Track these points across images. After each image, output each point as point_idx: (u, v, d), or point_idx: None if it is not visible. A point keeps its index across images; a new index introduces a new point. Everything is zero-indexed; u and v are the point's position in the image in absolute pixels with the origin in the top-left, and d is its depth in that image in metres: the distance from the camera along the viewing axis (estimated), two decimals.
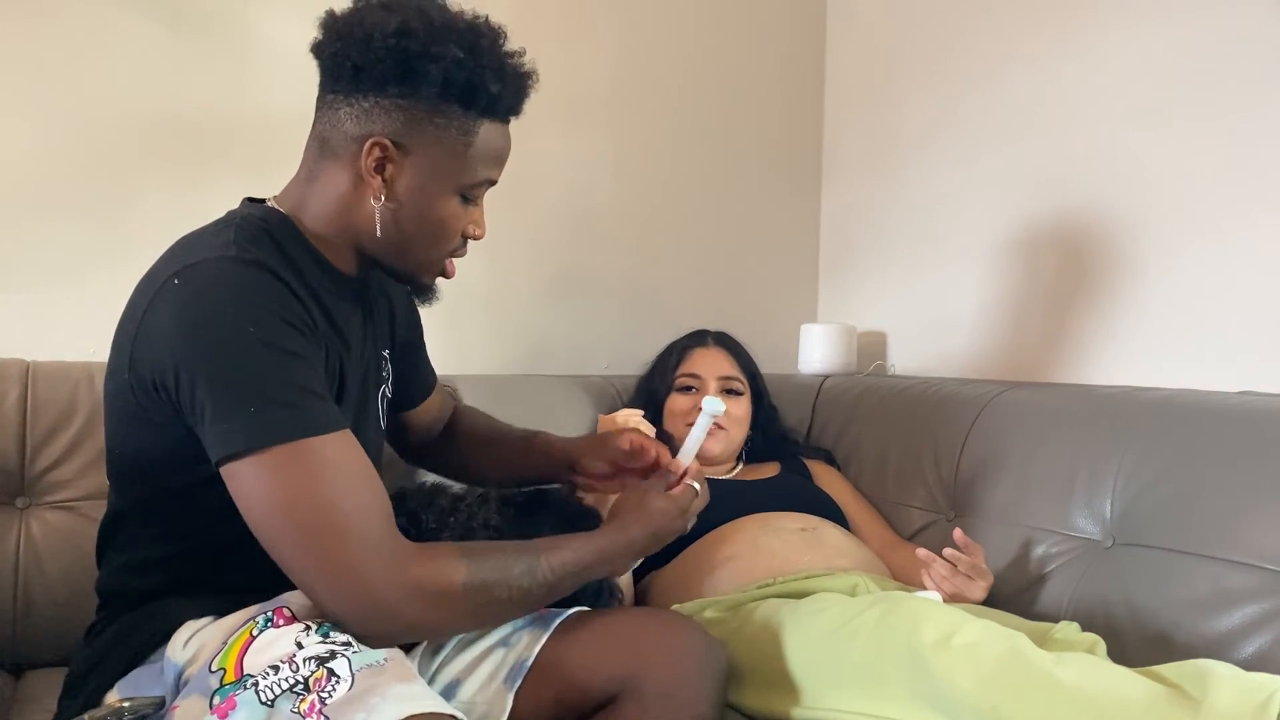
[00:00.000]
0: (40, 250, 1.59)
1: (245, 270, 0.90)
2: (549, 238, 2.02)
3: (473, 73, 0.94)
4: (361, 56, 0.93)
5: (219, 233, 0.95)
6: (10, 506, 1.40)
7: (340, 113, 0.97)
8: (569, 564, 0.98)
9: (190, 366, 0.86)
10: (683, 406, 1.73)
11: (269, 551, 0.88)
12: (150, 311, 0.90)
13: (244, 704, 0.82)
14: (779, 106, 2.33)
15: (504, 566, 0.94)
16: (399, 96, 0.94)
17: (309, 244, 1.00)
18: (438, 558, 0.91)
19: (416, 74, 0.93)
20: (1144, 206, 1.64)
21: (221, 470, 0.87)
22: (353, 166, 0.97)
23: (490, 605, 0.94)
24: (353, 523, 0.87)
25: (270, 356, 0.87)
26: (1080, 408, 1.51)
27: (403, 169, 0.97)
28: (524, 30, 1.99)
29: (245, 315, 0.87)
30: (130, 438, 0.98)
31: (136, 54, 1.65)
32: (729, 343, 1.82)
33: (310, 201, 1.01)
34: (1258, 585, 1.18)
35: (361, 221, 0.99)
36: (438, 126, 0.96)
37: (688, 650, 0.99)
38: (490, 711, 0.98)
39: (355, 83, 0.95)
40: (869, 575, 1.41)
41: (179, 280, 0.89)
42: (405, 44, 0.92)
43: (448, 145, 0.97)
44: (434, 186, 0.98)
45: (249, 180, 1.72)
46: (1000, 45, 1.92)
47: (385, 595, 0.87)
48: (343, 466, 0.88)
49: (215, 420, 0.86)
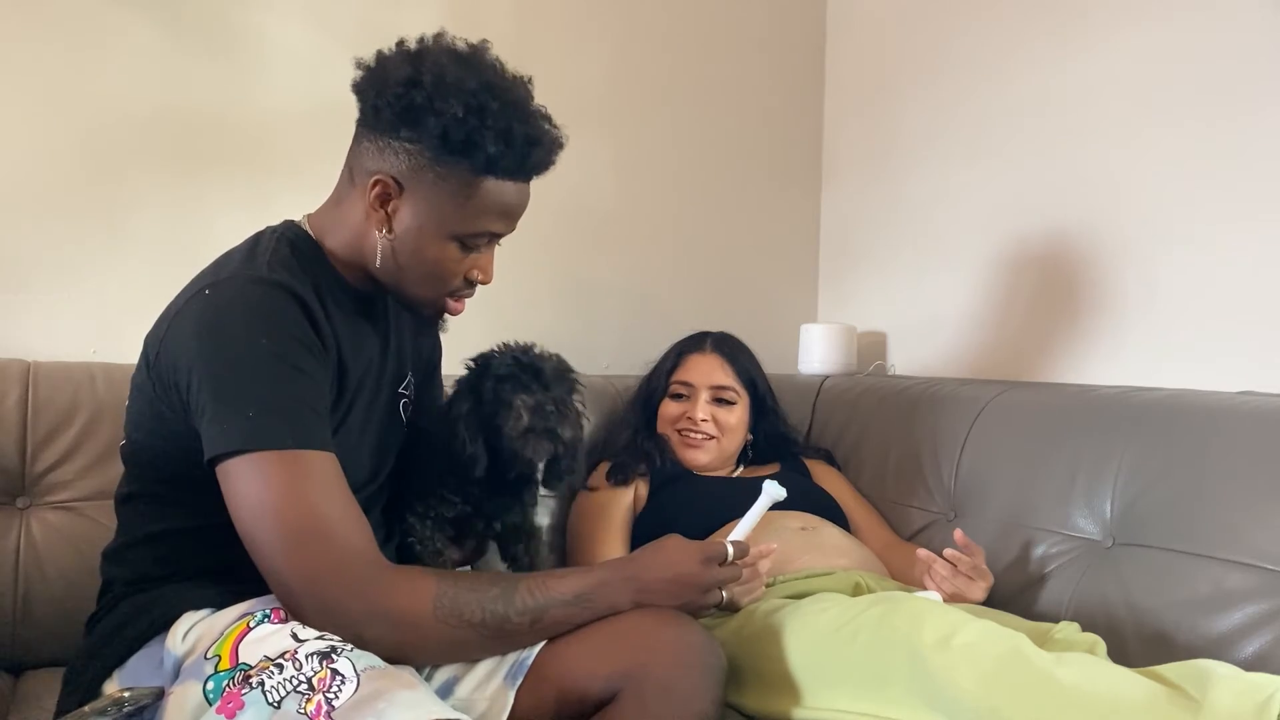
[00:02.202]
0: (41, 250, 1.60)
1: (268, 290, 0.96)
2: (549, 237, 2.02)
3: (473, 131, 0.98)
4: (379, 98, 1.00)
5: (252, 252, 1.03)
6: (11, 506, 1.40)
7: (364, 146, 1.04)
8: (554, 592, 0.99)
9: (201, 368, 0.92)
10: (672, 413, 1.73)
11: (252, 552, 0.91)
12: (178, 316, 0.97)
13: (251, 704, 0.83)
14: (779, 107, 2.33)
15: (477, 588, 0.96)
16: (408, 140, 1.00)
17: (330, 265, 1.07)
18: (412, 577, 0.95)
19: (420, 124, 0.99)
20: (1144, 206, 1.64)
21: (216, 469, 0.92)
22: (364, 197, 1.03)
23: (463, 630, 0.94)
24: (337, 530, 0.91)
25: (277, 368, 0.93)
26: (1080, 408, 1.51)
27: (402, 207, 1.03)
28: (525, 32, 2.01)
29: (260, 329, 0.94)
30: (145, 426, 1.03)
31: (137, 55, 1.65)
32: (728, 348, 1.78)
33: (334, 224, 1.08)
34: (1258, 585, 1.18)
35: (368, 249, 1.06)
36: (438, 175, 1.01)
37: (687, 647, 0.99)
38: (491, 710, 0.98)
39: (376, 121, 1.02)
40: (869, 575, 1.41)
41: (209, 291, 0.97)
42: (411, 94, 0.98)
43: (448, 194, 1.02)
44: (430, 229, 1.03)
45: (248, 180, 1.73)
46: (1001, 45, 1.92)
47: (355, 608, 0.90)
48: (330, 482, 0.93)
49: (215, 420, 0.91)
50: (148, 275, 1.60)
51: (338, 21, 1.79)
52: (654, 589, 1.04)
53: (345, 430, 1.05)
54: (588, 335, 2.09)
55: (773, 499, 1.20)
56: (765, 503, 1.19)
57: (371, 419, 1.12)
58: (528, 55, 2.02)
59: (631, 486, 1.66)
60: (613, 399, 1.87)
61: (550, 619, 0.99)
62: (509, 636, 0.98)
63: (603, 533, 1.60)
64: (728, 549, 1.10)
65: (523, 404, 1.15)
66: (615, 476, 1.66)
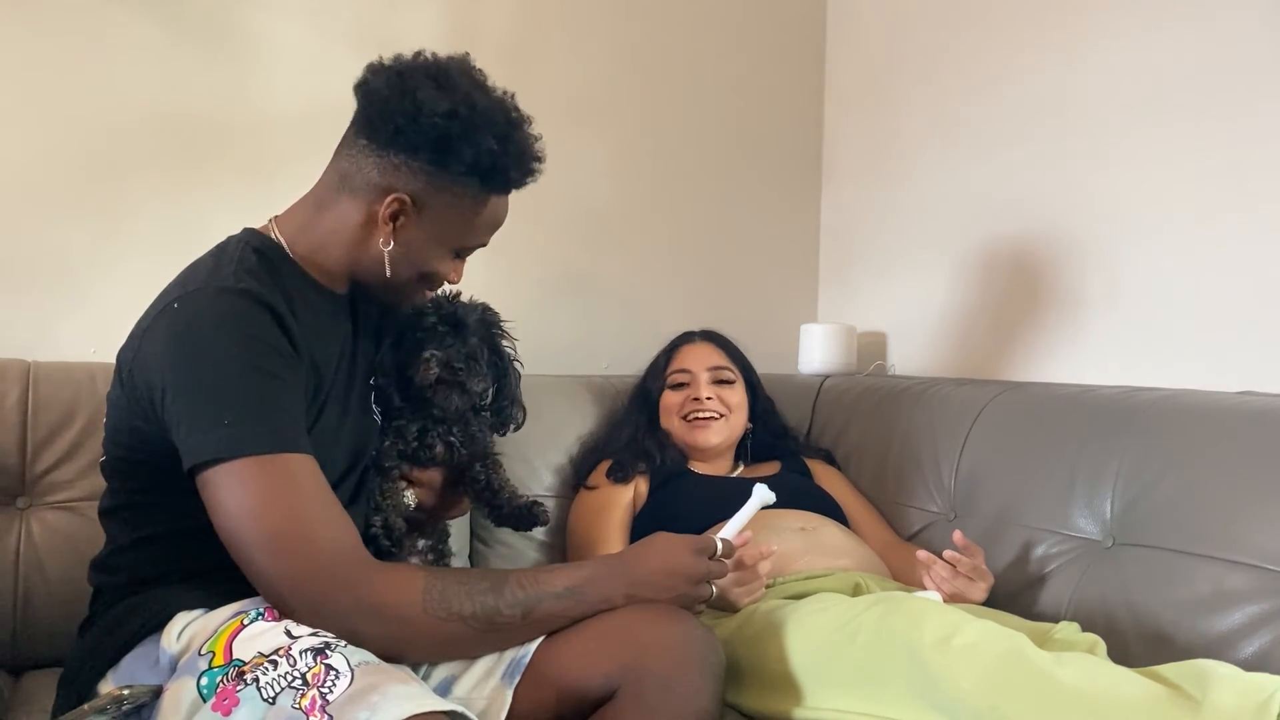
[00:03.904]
0: (41, 250, 1.60)
1: (237, 299, 0.97)
2: (549, 238, 2.02)
3: (499, 159, 1.05)
4: (407, 123, 1.02)
5: (218, 262, 1.03)
6: (11, 507, 1.40)
7: (368, 159, 1.05)
8: (545, 585, 0.99)
9: (174, 380, 0.93)
10: (676, 401, 1.74)
11: (237, 558, 0.92)
12: (149, 331, 0.98)
13: (246, 700, 0.84)
14: (779, 108, 2.33)
15: (466, 582, 0.97)
16: (428, 164, 1.03)
17: (300, 268, 1.09)
18: (399, 571, 0.97)
19: (451, 152, 1.03)
20: (1144, 206, 1.63)
21: (196, 479, 0.93)
22: (368, 209, 1.06)
23: (454, 623, 0.94)
24: (320, 531, 0.92)
25: (250, 376, 0.94)
26: (1080, 408, 1.51)
27: (413, 222, 1.06)
28: (525, 32, 2.01)
29: (232, 339, 0.95)
30: (123, 441, 1.03)
31: (136, 55, 1.65)
32: (716, 337, 1.83)
33: (314, 227, 1.09)
34: (1258, 585, 1.18)
35: (364, 256, 1.08)
36: (454, 196, 1.06)
37: (686, 644, 0.99)
38: (489, 708, 0.98)
39: (391, 140, 1.03)
40: (870, 575, 1.41)
41: (178, 305, 0.98)
42: (450, 126, 1.01)
43: (459, 212, 1.08)
44: (437, 243, 1.09)
45: (248, 180, 1.73)
46: (1001, 46, 1.92)
47: (344, 605, 0.91)
48: (310, 484, 0.94)
49: (192, 430, 0.92)
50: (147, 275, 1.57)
51: (337, 22, 1.79)
52: (645, 581, 1.04)
53: (320, 429, 1.06)
54: (588, 335, 2.09)
55: (762, 502, 1.21)
56: (755, 505, 1.20)
57: (346, 415, 1.14)
58: (528, 55, 2.04)
59: (631, 485, 1.66)
60: (613, 399, 1.87)
61: (542, 612, 0.99)
62: (501, 630, 0.98)
63: (603, 531, 1.60)
64: (717, 543, 1.10)
65: (432, 357, 1.20)
66: (615, 475, 1.67)
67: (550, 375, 1.91)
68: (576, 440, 1.81)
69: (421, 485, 1.25)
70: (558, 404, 1.81)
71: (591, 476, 1.70)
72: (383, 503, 1.20)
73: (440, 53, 1.08)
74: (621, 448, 1.72)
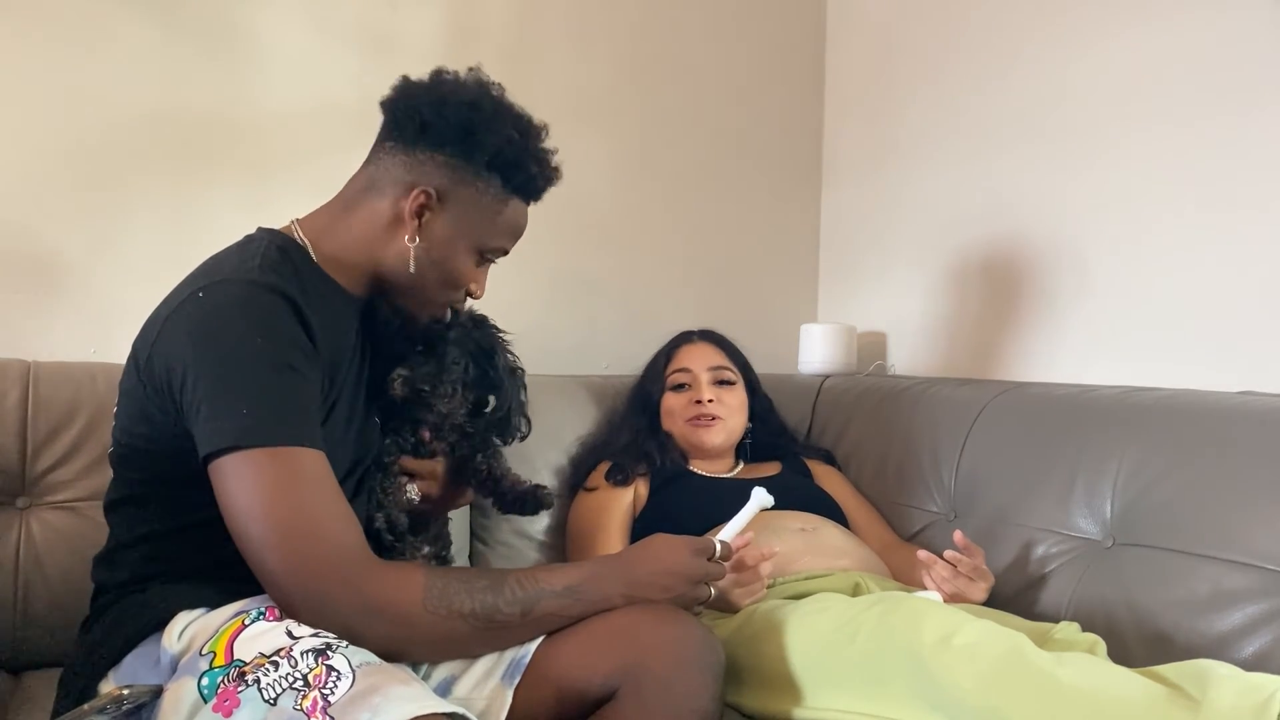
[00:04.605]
0: (41, 250, 1.60)
1: (261, 292, 0.98)
2: (549, 238, 2.02)
3: (521, 152, 1.10)
4: (433, 115, 1.07)
5: (244, 255, 1.04)
6: (11, 507, 1.40)
7: (396, 159, 1.09)
8: (544, 584, 1.00)
9: (197, 368, 0.94)
10: (678, 404, 1.74)
11: (242, 548, 0.92)
12: (171, 319, 0.98)
13: (247, 701, 0.84)
14: (779, 107, 2.33)
15: (466, 580, 0.98)
16: (453, 155, 1.08)
17: (321, 269, 1.10)
18: (401, 570, 0.97)
19: (475, 140, 1.07)
20: (1144, 206, 1.63)
21: (208, 467, 0.93)
22: (394, 207, 1.08)
23: (454, 621, 0.94)
24: (326, 527, 0.93)
25: (271, 368, 0.94)
26: (1080, 408, 1.51)
27: (438, 218, 1.09)
28: (526, 32, 2.01)
29: (255, 330, 0.95)
30: (136, 430, 1.03)
31: (136, 55, 1.65)
32: (715, 337, 1.83)
33: (340, 228, 1.11)
34: (1258, 585, 1.18)
35: (389, 255, 1.10)
36: (478, 190, 1.10)
37: (686, 644, 0.99)
38: (489, 709, 0.98)
39: (418, 136, 1.08)
40: (870, 575, 1.41)
41: (202, 294, 0.97)
42: (473, 115, 1.07)
43: (482, 208, 1.11)
44: (460, 240, 1.11)
45: (248, 180, 1.74)
46: (1002, 45, 1.92)
47: (345, 602, 0.91)
48: (320, 479, 0.95)
49: (210, 418, 0.92)
50: (148, 275, 1.59)
51: (336, 21, 1.79)
52: (644, 581, 1.04)
53: (329, 427, 1.06)
54: (588, 335, 2.09)
55: (761, 505, 1.21)
56: (753, 508, 1.20)
57: (354, 415, 1.14)
58: (528, 55, 2.04)
59: (631, 487, 1.66)
60: (612, 399, 1.87)
61: (541, 611, 0.99)
62: (500, 629, 0.98)
63: (602, 533, 1.60)
64: (715, 544, 1.11)
65: (399, 376, 1.20)
66: (615, 476, 1.66)
67: (550, 375, 1.91)
68: (576, 440, 1.81)
69: (423, 477, 1.25)
70: (558, 404, 1.81)
71: (590, 478, 1.70)
72: (384, 499, 1.19)
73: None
74: (621, 450, 1.72)
